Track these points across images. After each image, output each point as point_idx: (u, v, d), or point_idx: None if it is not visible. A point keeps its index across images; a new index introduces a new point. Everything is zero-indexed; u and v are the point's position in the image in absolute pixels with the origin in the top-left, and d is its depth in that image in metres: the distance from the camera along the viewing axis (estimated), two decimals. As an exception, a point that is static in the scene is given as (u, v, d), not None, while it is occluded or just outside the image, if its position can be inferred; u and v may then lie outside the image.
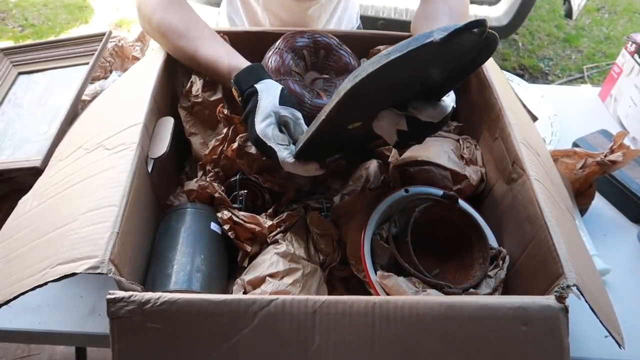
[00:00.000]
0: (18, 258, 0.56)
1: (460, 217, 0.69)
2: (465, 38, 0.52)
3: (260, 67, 0.74)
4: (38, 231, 0.58)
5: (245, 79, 0.71)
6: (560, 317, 0.48)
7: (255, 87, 0.69)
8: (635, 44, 1.09)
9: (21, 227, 0.62)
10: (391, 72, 0.52)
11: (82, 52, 0.96)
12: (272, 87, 0.69)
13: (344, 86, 0.54)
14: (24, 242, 0.58)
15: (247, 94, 0.70)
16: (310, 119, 0.64)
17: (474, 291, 0.63)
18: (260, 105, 0.67)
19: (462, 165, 0.77)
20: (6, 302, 0.51)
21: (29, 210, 0.64)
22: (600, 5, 3.32)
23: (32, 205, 0.65)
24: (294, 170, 0.65)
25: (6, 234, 0.62)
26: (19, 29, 2.94)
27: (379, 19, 2.37)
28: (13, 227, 0.63)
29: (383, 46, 0.88)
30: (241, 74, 0.72)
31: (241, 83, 0.71)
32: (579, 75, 2.77)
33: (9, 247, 0.59)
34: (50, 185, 0.66)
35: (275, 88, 0.69)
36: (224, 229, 0.68)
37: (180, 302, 0.48)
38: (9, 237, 0.61)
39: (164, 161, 0.68)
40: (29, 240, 0.58)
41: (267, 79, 0.71)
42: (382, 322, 0.49)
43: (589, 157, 0.84)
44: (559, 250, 0.54)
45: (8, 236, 0.61)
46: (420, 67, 0.57)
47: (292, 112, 0.68)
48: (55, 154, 0.76)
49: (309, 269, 0.66)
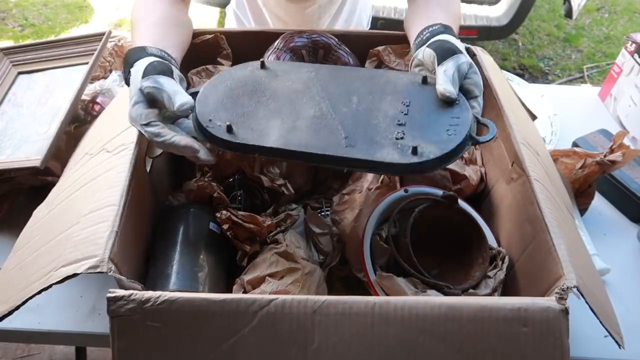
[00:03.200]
0: (28, 265, 0.57)
1: (459, 217, 0.69)
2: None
3: (139, 50, 0.65)
4: (46, 237, 0.59)
5: (128, 63, 0.64)
6: (561, 319, 0.48)
7: (130, 71, 0.62)
8: (635, 43, 1.09)
9: (33, 235, 0.63)
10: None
11: (82, 52, 0.97)
12: (140, 65, 0.62)
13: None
14: (35, 248, 0.59)
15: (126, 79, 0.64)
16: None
17: (474, 292, 0.63)
18: (130, 87, 0.61)
19: (461, 165, 0.77)
20: (17, 308, 0.52)
21: (41, 218, 0.65)
22: (600, 5, 3.32)
23: (43, 213, 0.66)
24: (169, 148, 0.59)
25: (21, 244, 0.63)
26: (19, 29, 2.94)
27: (379, 19, 2.37)
28: (26, 236, 0.64)
29: (382, 46, 0.88)
30: (126, 57, 0.65)
31: (125, 73, 0.65)
32: (579, 75, 2.77)
33: (22, 255, 0.60)
34: (59, 193, 0.67)
35: (142, 64, 0.61)
36: (223, 228, 0.68)
37: (180, 301, 0.48)
38: (23, 247, 0.62)
39: (163, 161, 0.68)
40: (38, 246, 0.59)
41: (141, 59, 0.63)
42: (382, 323, 0.49)
43: (589, 157, 0.84)
44: (559, 250, 0.54)
45: (22, 245, 0.63)
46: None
47: (152, 81, 0.59)
48: (68, 164, 0.76)
49: (309, 269, 0.66)
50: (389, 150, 0.56)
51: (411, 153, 0.55)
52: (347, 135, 0.58)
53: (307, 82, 0.66)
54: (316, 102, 0.63)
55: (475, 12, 2.45)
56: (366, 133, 0.58)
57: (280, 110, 0.62)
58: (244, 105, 0.63)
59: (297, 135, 0.59)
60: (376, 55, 0.89)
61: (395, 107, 0.61)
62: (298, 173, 0.81)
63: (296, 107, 0.62)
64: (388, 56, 0.88)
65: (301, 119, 0.61)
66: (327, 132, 0.59)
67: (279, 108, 0.63)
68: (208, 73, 0.85)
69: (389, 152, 0.56)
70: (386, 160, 0.55)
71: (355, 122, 0.60)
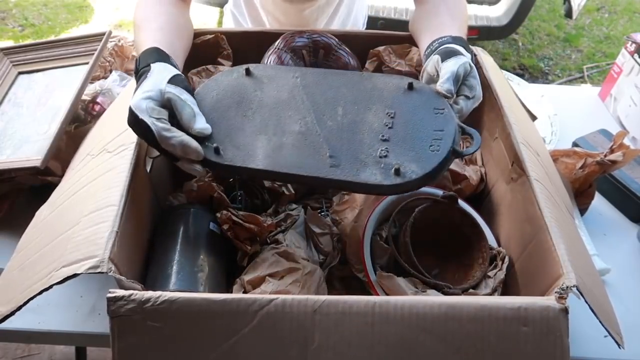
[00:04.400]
0: (30, 265, 0.57)
1: (460, 217, 0.69)
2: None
3: (162, 53, 0.66)
4: (48, 238, 0.59)
5: (145, 59, 0.65)
6: (561, 318, 0.48)
7: (150, 66, 0.63)
8: (635, 43, 1.09)
9: (34, 237, 0.63)
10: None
11: (82, 52, 0.96)
12: (167, 69, 0.63)
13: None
14: (36, 249, 0.59)
15: (141, 71, 0.64)
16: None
17: (474, 291, 0.63)
18: (146, 81, 0.61)
19: (461, 165, 0.77)
20: (18, 308, 0.52)
21: (43, 219, 0.65)
22: (600, 5, 3.32)
23: (44, 214, 0.66)
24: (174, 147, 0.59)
25: (22, 245, 0.63)
26: (19, 29, 2.94)
27: (379, 19, 2.37)
28: (29, 237, 0.64)
29: (383, 47, 0.88)
30: (144, 54, 0.66)
31: (140, 61, 0.65)
32: (579, 75, 2.77)
33: (24, 256, 0.60)
34: (61, 194, 0.67)
35: (170, 70, 0.63)
36: (223, 228, 0.68)
37: (181, 301, 0.48)
38: (24, 248, 0.62)
39: (163, 161, 0.68)
40: (40, 247, 0.59)
41: (169, 63, 0.64)
42: (382, 322, 0.49)
43: (589, 157, 0.84)
44: (558, 250, 0.54)
45: (24, 247, 0.63)
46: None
47: (179, 91, 0.61)
48: (70, 164, 0.76)
49: (309, 269, 0.66)
50: (373, 170, 0.57)
51: (394, 174, 0.56)
52: (332, 154, 0.59)
53: (293, 90, 0.66)
54: (301, 115, 0.63)
55: (475, 12, 2.45)
56: (350, 150, 0.59)
57: (266, 126, 0.63)
58: (230, 119, 0.64)
59: (283, 154, 0.60)
60: (376, 55, 0.89)
61: (380, 118, 0.61)
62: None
63: (281, 121, 0.63)
64: (388, 56, 0.88)
65: (287, 134, 0.62)
66: (312, 150, 0.60)
67: (264, 123, 0.63)
68: (208, 73, 0.85)
69: (372, 172, 0.57)
70: (369, 182, 0.56)
71: (340, 138, 0.60)
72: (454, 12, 0.77)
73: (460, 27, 0.74)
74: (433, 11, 0.79)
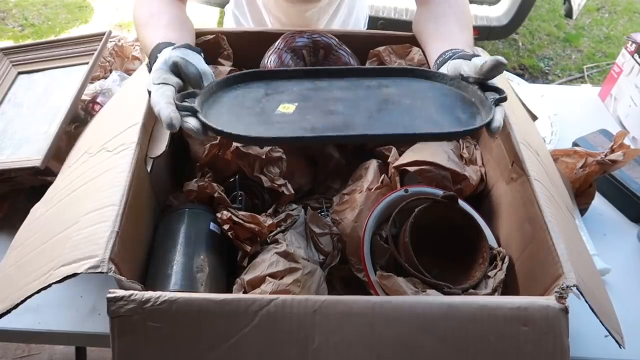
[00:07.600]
0: (27, 263, 0.57)
1: (459, 217, 0.69)
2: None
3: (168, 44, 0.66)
4: (45, 236, 0.59)
5: (152, 57, 0.65)
6: (561, 318, 0.48)
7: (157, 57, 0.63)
8: (635, 43, 1.09)
9: (30, 234, 0.62)
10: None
11: (82, 52, 0.97)
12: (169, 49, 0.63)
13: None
14: (33, 247, 0.59)
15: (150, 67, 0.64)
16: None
17: (474, 291, 0.63)
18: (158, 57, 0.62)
19: (461, 165, 0.77)
20: (15, 306, 0.52)
21: (39, 217, 0.65)
22: (600, 5, 3.32)
23: (41, 212, 0.66)
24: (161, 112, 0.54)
25: (18, 242, 0.63)
26: (19, 29, 2.94)
27: (379, 19, 2.37)
28: (24, 235, 0.64)
29: (383, 47, 0.88)
30: (156, 48, 0.66)
31: (152, 56, 0.65)
32: (579, 75, 2.77)
33: (20, 253, 0.60)
34: (58, 191, 0.67)
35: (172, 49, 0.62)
36: (224, 229, 0.68)
37: (181, 302, 0.48)
38: (20, 245, 0.62)
39: (164, 161, 0.68)
40: (37, 245, 0.59)
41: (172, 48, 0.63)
42: (382, 322, 0.49)
43: (589, 157, 0.84)
44: (558, 250, 0.54)
45: (19, 244, 0.62)
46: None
47: (183, 52, 0.61)
48: (65, 162, 0.76)
49: (309, 269, 0.66)
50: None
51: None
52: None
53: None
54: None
55: (475, 12, 2.45)
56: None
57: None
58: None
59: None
60: (376, 55, 0.89)
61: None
62: (298, 173, 0.81)
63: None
64: (389, 56, 0.88)
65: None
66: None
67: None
68: (208, 73, 0.84)
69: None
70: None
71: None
72: (460, 17, 0.78)
73: (469, 37, 0.76)
74: (439, 13, 0.79)
